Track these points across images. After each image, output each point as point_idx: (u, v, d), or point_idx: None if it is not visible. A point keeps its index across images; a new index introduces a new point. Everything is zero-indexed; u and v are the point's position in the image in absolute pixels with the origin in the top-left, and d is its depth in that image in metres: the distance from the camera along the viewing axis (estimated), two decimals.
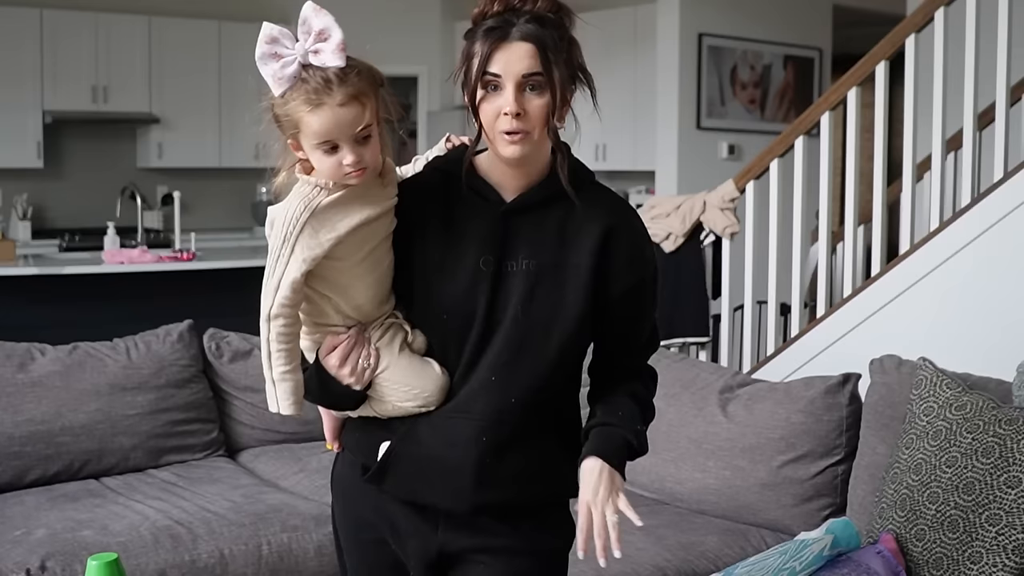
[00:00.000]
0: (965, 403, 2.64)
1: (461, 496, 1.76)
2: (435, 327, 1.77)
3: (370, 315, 1.77)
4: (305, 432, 3.75)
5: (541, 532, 1.84)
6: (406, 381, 1.75)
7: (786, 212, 4.49)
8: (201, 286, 5.90)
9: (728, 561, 2.88)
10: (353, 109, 1.63)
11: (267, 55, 1.63)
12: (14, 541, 2.77)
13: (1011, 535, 2.39)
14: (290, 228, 1.66)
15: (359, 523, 1.90)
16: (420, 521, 1.82)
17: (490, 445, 1.74)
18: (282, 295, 1.67)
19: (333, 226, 1.67)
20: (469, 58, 1.69)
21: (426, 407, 1.76)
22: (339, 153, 1.65)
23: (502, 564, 1.82)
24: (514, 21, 1.66)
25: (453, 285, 1.74)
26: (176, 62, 7.97)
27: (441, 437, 1.76)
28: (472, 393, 1.74)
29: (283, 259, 1.67)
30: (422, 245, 1.76)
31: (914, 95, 4.13)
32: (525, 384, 1.74)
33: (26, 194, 7.65)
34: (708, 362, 4.40)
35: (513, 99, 1.65)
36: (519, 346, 1.73)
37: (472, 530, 1.81)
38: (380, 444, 1.81)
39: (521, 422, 1.76)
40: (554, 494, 1.85)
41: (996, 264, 3.82)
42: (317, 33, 1.63)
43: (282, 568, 2.93)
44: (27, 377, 3.32)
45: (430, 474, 1.77)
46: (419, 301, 1.77)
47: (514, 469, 1.77)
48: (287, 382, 1.74)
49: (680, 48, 7.02)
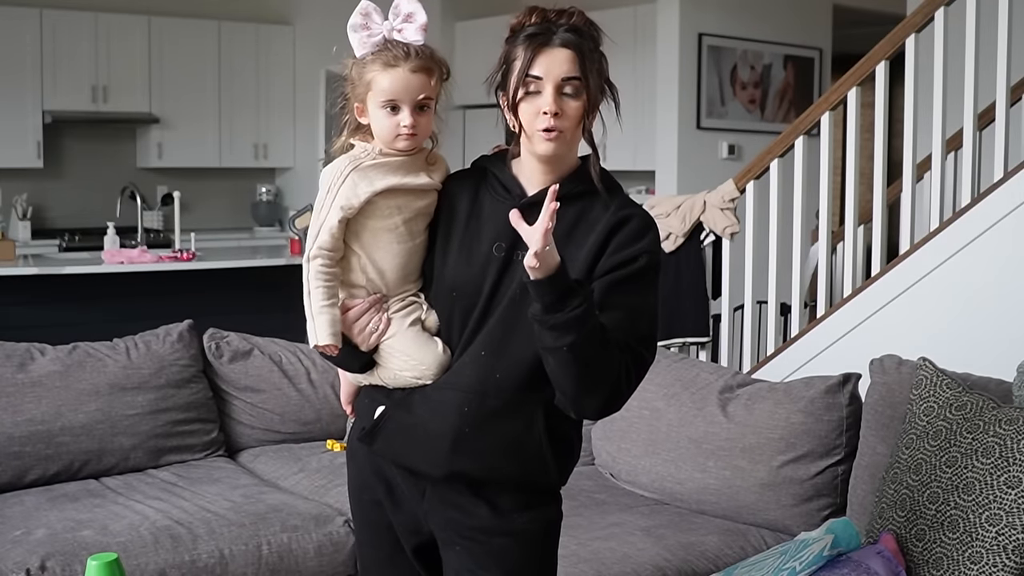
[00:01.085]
0: (965, 403, 2.64)
1: (437, 461, 1.87)
2: (445, 304, 1.91)
3: (392, 286, 1.92)
4: (305, 432, 3.75)
5: (521, 512, 1.92)
6: (408, 351, 1.90)
7: (786, 212, 4.49)
8: (201, 286, 5.91)
9: (728, 561, 2.88)
10: (421, 78, 1.86)
11: (358, 24, 1.86)
12: (14, 541, 2.77)
13: (1011, 535, 2.39)
14: (334, 178, 1.87)
15: (361, 484, 2.04)
16: (411, 485, 1.95)
17: (470, 416, 1.86)
18: (321, 239, 1.86)
19: (371, 182, 1.86)
20: (510, 61, 1.84)
21: (422, 380, 1.89)
22: (399, 114, 1.86)
23: (479, 546, 1.91)
24: (554, 29, 1.82)
25: (467, 267, 1.88)
26: (176, 62, 7.97)
27: (429, 406, 1.89)
28: (463, 367, 1.88)
29: (325, 207, 1.87)
30: (447, 229, 1.92)
31: (914, 95, 4.13)
32: (511, 362, 1.84)
33: (26, 194, 7.65)
34: (708, 362, 4.40)
35: (552, 99, 1.81)
36: (511, 326, 1.84)
37: (452, 504, 1.91)
38: (376, 408, 1.95)
39: (505, 399, 1.86)
40: (531, 475, 1.91)
41: (996, 264, 3.82)
42: (405, 15, 1.86)
43: (282, 568, 2.93)
44: (27, 377, 3.32)
45: (413, 438, 1.90)
46: (435, 278, 1.92)
47: (491, 443, 1.87)
48: (325, 315, 1.87)
49: (680, 48, 7.02)
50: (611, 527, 2.98)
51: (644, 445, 3.33)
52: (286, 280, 5.96)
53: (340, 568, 3.01)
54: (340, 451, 3.60)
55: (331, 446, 3.65)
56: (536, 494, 1.94)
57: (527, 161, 1.90)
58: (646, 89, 7.36)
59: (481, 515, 1.91)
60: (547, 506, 1.96)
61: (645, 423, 3.33)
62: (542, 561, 1.96)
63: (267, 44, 8.38)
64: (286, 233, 8.14)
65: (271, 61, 8.36)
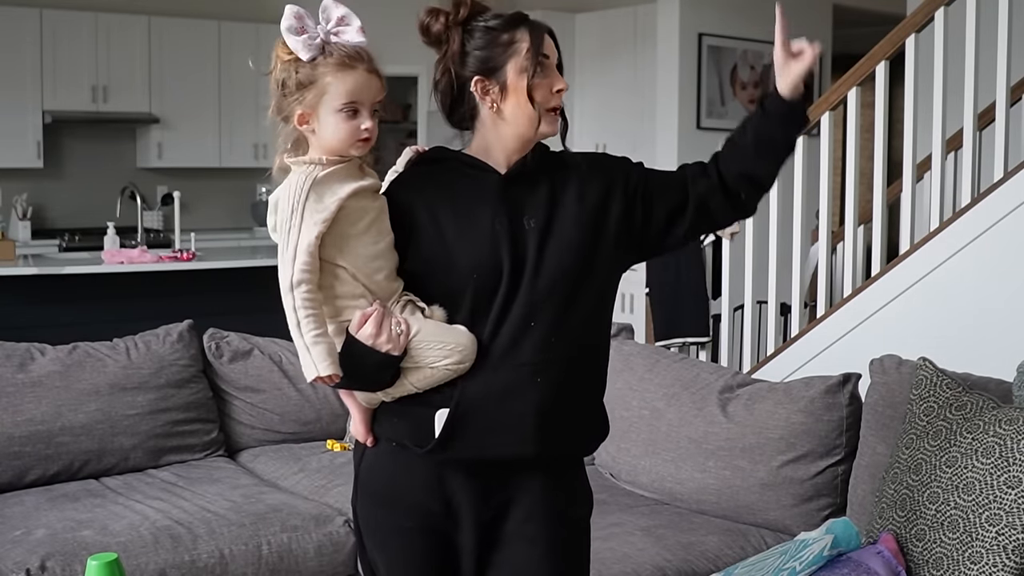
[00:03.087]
0: (965, 403, 2.64)
1: (527, 441, 1.85)
2: (465, 287, 1.86)
3: (383, 288, 1.86)
4: (305, 432, 3.75)
5: (574, 500, 1.98)
6: (440, 338, 1.83)
7: (786, 212, 4.49)
8: (201, 286, 5.91)
9: (728, 561, 2.88)
10: (376, 80, 1.83)
11: (294, 27, 1.82)
12: (14, 541, 2.77)
13: (1011, 535, 2.39)
14: (296, 199, 1.80)
15: (400, 511, 1.93)
16: (478, 485, 1.90)
17: (545, 386, 1.85)
18: (300, 261, 1.77)
19: (334, 191, 1.81)
20: (509, 44, 1.87)
21: (462, 363, 1.83)
22: (359, 118, 1.82)
23: (543, 540, 1.91)
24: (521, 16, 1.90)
25: (476, 246, 1.86)
26: (176, 62, 7.97)
27: (495, 390, 1.85)
28: (513, 342, 1.84)
29: (295, 228, 1.79)
30: (433, 223, 1.88)
31: (914, 95, 4.13)
32: (564, 327, 1.86)
33: (26, 194, 7.65)
34: (708, 362, 4.40)
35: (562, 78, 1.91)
36: (548, 292, 1.85)
37: (522, 490, 1.91)
38: (433, 416, 1.86)
39: (567, 363, 1.87)
40: (597, 432, 2.00)
41: (996, 264, 3.82)
42: (339, 18, 1.82)
43: (282, 568, 2.93)
44: (27, 377, 3.32)
45: (494, 426, 1.85)
46: (443, 270, 1.88)
47: (568, 409, 1.89)
48: (320, 344, 1.78)
49: (680, 48, 7.02)
50: (611, 527, 2.98)
51: (644, 445, 3.33)
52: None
53: (340, 568, 3.01)
54: (340, 451, 3.60)
55: (331, 446, 3.65)
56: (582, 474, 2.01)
57: (493, 144, 1.92)
58: (646, 89, 7.37)
59: (546, 504, 1.93)
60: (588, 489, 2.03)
61: (645, 423, 3.33)
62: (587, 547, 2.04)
63: (267, 44, 8.29)
64: None
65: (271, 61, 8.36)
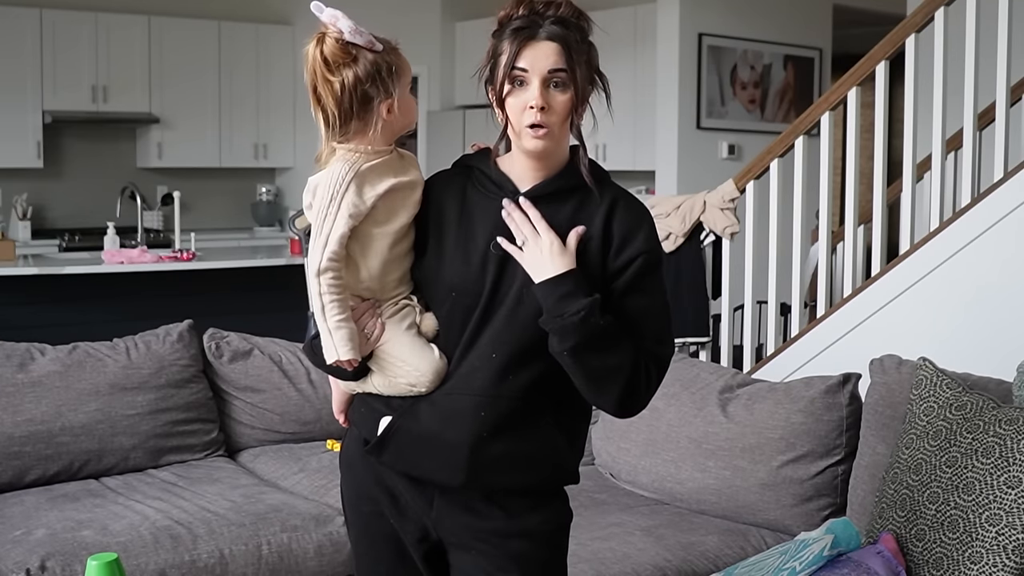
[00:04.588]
0: (965, 403, 2.64)
1: (456, 470, 1.82)
2: (443, 304, 1.86)
3: (387, 291, 1.88)
4: (305, 432, 3.75)
5: (534, 512, 1.89)
6: (403, 357, 1.84)
7: (786, 212, 4.49)
8: (201, 286, 5.91)
9: (728, 561, 2.88)
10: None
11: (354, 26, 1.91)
12: (14, 541, 2.77)
13: (1011, 535, 2.39)
14: (336, 187, 1.81)
15: (360, 495, 1.98)
16: (417, 494, 1.89)
17: (487, 421, 1.80)
18: (330, 249, 1.80)
19: (373, 186, 1.82)
20: (496, 55, 1.80)
21: (417, 388, 1.84)
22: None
23: (494, 548, 1.87)
24: (540, 22, 1.77)
25: (464, 265, 1.84)
26: (176, 62, 7.97)
27: (440, 413, 1.83)
28: (472, 370, 1.81)
29: (331, 216, 1.81)
30: (439, 229, 1.87)
31: (914, 95, 4.13)
32: (523, 362, 1.80)
33: (26, 194, 7.65)
34: (708, 362, 4.40)
35: (539, 93, 1.76)
36: (520, 326, 1.80)
37: (464, 508, 1.87)
38: (381, 419, 1.88)
39: (519, 401, 1.82)
40: (549, 480, 1.90)
41: (996, 264, 3.82)
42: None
43: (282, 568, 2.93)
44: (27, 377, 3.32)
45: (427, 448, 1.84)
46: (432, 279, 1.87)
47: (510, 449, 1.83)
48: (342, 329, 1.81)
49: (680, 48, 7.02)
50: (611, 527, 2.98)
51: (644, 445, 3.33)
52: (286, 280, 6.04)
53: (340, 568, 3.01)
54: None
55: (331, 446, 3.65)
56: (546, 495, 1.92)
57: (517, 157, 1.85)
58: (646, 89, 7.37)
59: (495, 517, 1.87)
60: (558, 506, 1.94)
61: (645, 423, 3.33)
62: (556, 561, 1.95)
63: (267, 44, 8.37)
64: (286, 233, 8.14)
65: (271, 61, 8.36)
